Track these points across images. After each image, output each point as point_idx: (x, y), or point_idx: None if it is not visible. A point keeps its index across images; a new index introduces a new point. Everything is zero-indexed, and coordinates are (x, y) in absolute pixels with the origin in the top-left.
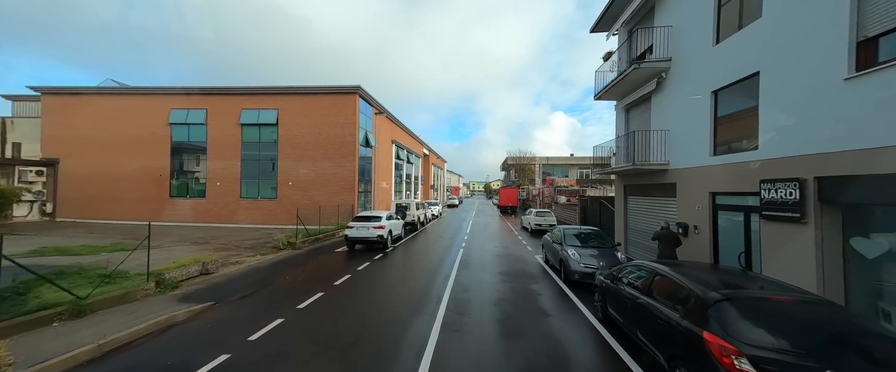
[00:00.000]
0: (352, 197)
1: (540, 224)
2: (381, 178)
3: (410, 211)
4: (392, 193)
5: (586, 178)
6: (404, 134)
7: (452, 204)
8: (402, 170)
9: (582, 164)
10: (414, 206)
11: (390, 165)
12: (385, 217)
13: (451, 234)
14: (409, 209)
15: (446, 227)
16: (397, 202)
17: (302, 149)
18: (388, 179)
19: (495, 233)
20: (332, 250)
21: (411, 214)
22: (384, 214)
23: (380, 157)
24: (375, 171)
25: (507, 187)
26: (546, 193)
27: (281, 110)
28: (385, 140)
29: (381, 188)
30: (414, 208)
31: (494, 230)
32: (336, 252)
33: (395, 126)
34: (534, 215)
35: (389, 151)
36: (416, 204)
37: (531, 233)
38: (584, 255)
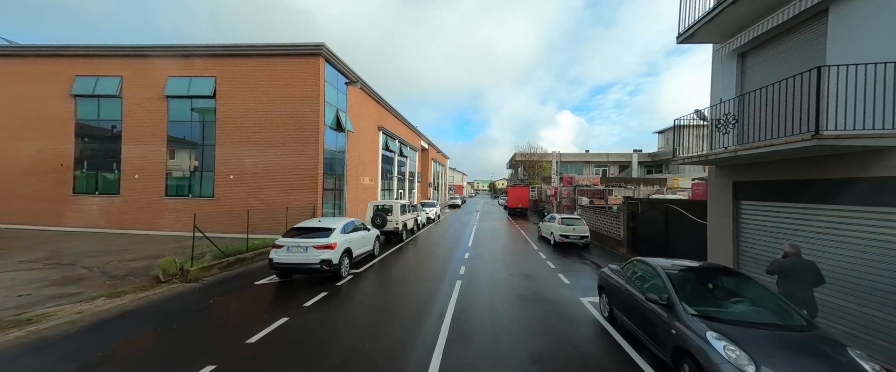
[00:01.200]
0: (313, 196)
1: (568, 236)
2: (362, 171)
3: (392, 216)
4: (378, 192)
5: (615, 177)
6: (396, 121)
7: (454, 204)
8: (392, 164)
9: (598, 160)
10: (397, 208)
11: (376, 158)
12: (339, 229)
13: (446, 248)
14: (391, 213)
15: (443, 236)
16: (376, 203)
17: (247, 130)
18: (373, 174)
19: (506, 247)
20: (252, 283)
21: (393, 221)
22: (339, 225)
23: (360, 147)
24: (352, 163)
25: (516, 186)
26: (564, 193)
27: (220, 78)
28: (368, 126)
29: (360, 185)
30: (397, 212)
31: (504, 242)
32: (257, 286)
33: (383, 110)
34: (559, 223)
35: (374, 140)
36: (401, 206)
37: (555, 247)
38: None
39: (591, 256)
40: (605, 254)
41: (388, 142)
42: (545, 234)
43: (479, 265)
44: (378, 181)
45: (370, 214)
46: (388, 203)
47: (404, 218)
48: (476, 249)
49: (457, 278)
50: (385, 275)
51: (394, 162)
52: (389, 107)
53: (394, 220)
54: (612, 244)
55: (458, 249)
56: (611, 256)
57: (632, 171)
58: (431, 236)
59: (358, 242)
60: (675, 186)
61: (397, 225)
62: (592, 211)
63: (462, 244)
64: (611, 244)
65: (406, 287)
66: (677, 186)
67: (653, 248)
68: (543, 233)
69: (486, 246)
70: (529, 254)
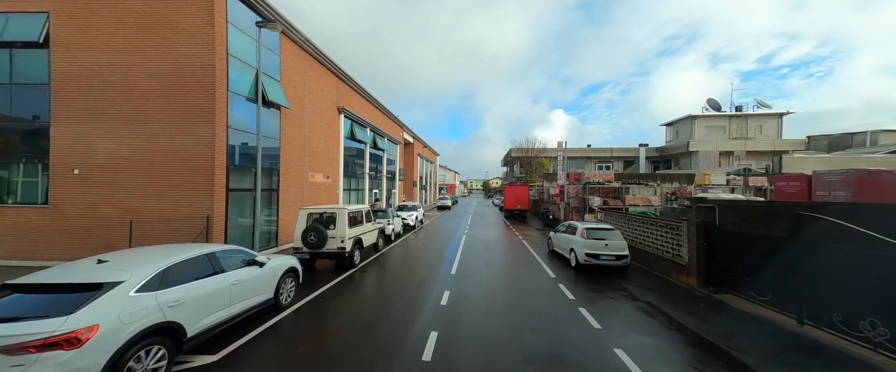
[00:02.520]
0: (208, 200)
1: (598, 255)
2: (313, 165)
3: (336, 229)
4: (339, 193)
5: (632, 174)
6: (368, 105)
7: (444, 206)
8: (363, 158)
9: (600, 156)
10: (343, 219)
11: (336, 149)
12: (122, 286)
13: (418, 278)
14: (336, 226)
15: (419, 254)
16: (311, 210)
17: (101, 97)
18: (331, 170)
19: (508, 275)
20: None
21: (337, 237)
22: (126, 277)
23: (308, 132)
24: (291, 153)
25: (514, 185)
26: (572, 191)
27: (56, 16)
28: (322, 105)
29: (307, 184)
30: (343, 224)
31: (504, 265)
32: None
33: (347, 88)
34: (583, 236)
35: (333, 125)
36: (351, 214)
37: (578, 271)
38: None
39: (642, 291)
40: (658, 284)
41: (354, 129)
42: (560, 249)
43: (467, 325)
44: (339, 179)
45: (301, 225)
46: (329, 210)
47: (357, 232)
48: (463, 280)
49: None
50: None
51: (365, 155)
52: (357, 86)
53: (338, 235)
54: (665, 268)
55: (436, 280)
56: (664, 286)
57: (639, 167)
58: (403, 255)
59: (194, 306)
60: (707, 183)
61: (343, 243)
62: (624, 218)
63: (442, 271)
64: (662, 268)
65: None
66: (709, 183)
67: (756, 281)
68: (557, 248)
69: (479, 273)
70: (545, 288)
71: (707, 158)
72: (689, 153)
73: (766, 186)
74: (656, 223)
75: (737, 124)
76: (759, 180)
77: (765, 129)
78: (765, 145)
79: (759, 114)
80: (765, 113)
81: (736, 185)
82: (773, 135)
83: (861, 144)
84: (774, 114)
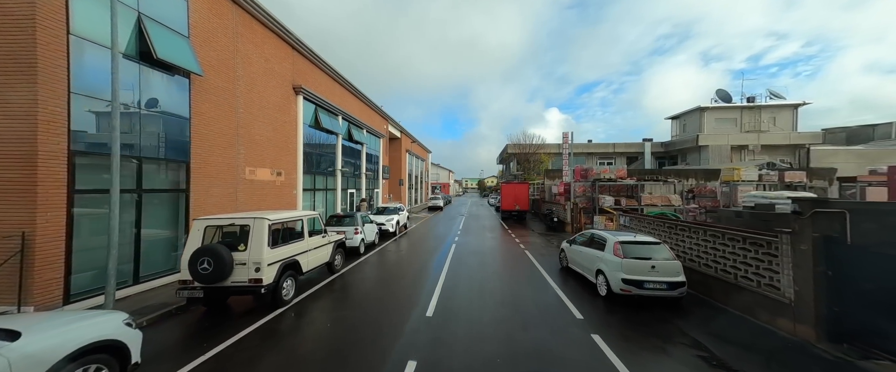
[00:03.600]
0: (28, 211)
1: (643, 282)
2: (255, 158)
3: (247, 253)
4: (298, 194)
5: (647, 170)
6: (338, 88)
7: (435, 206)
8: (335, 152)
9: (602, 152)
10: (263, 234)
11: (291, 138)
12: None
13: (368, 339)
14: (247, 245)
15: (387, 277)
16: (210, 221)
17: None
18: (285, 164)
19: (518, 330)
20: None
21: (249, 263)
22: None
23: (250, 114)
24: (212, 139)
25: (511, 183)
26: (578, 190)
27: None
28: (268, 80)
29: (241, 183)
30: (262, 243)
31: (505, 298)
32: None
33: (306, 62)
34: (616, 253)
35: (287, 109)
36: (273, 228)
37: (609, 303)
38: None
39: (723, 346)
40: (742, 332)
41: (320, 116)
42: (580, 267)
43: None
44: (297, 176)
45: (193, 245)
46: (242, 220)
47: (287, 253)
48: (443, 332)
49: None
50: None
51: (337, 149)
52: (321, 62)
53: (250, 260)
54: (745, 304)
55: (400, 332)
56: (755, 336)
57: (644, 163)
58: (366, 280)
59: None
60: (736, 179)
61: (259, 272)
62: (659, 224)
63: (414, 311)
64: (740, 303)
65: None
66: (739, 179)
67: None
68: (575, 265)
69: (468, 315)
70: (572, 343)
71: (718, 153)
72: (699, 148)
73: (803, 181)
74: (725, 235)
75: (749, 116)
76: (796, 176)
77: (779, 121)
78: (780, 138)
79: (773, 105)
80: (779, 104)
81: (769, 181)
82: (787, 127)
83: (885, 136)
84: (789, 105)
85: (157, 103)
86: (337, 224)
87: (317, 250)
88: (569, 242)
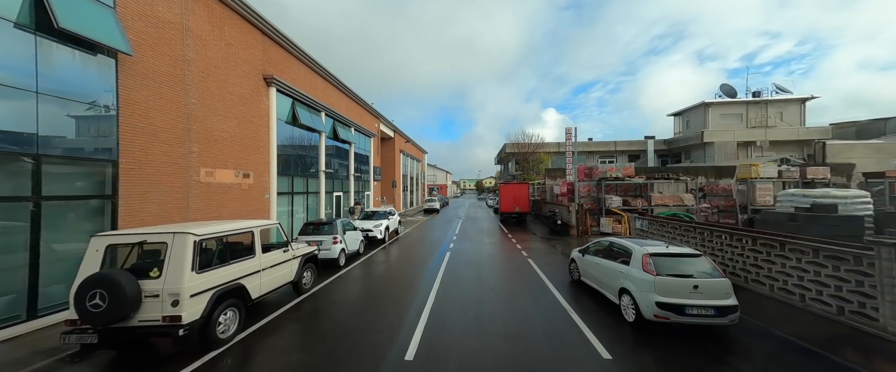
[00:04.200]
0: None
1: (681, 307)
2: (214, 157)
3: (161, 281)
4: (272, 199)
5: (657, 168)
6: (318, 79)
7: (432, 208)
8: (317, 152)
9: (604, 150)
10: (185, 255)
11: (264, 134)
12: None
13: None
14: (163, 271)
15: (365, 299)
16: (120, 239)
17: None
18: (256, 164)
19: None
20: None
21: (164, 295)
22: None
23: (206, 105)
24: (165, 135)
25: (510, 183)
26: (583, 190)
27: None
28: (230, 68)
29: (205, 186)
30: (183, 267)
31: (510, 329)
32: None
33: (278, 49)
34: (646, 268)
35: (256, 100)
36: (224, 242)
37: (638, 331)
38: None
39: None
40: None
41: (298, 111)
42: (596, 282)
43: None
44: (271, 178)
45: (87, 271)
46: (154, 236)
47: (224, 277)
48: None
49: None
50: None
51: (320, 148)
52: (299, 51)
53: (165, 291)
54: (821, 337)
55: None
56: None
57: (647, 161)
58: (338, 302)
59: None
60: (754, 176)
61: (177, 306)
62: (687, 229)
63: (390, 352)
64: (811, 334)
65: None
66: (756, 175)
67: None
68: (589, 279)
69: (460, 357)
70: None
71: (723, 150)
72: (704, 144)
73: (827, 178)
74: (784, 246)
75: (755, 111)
76: (819, 172)
77: (786, 116)
78: (788, 134)
79: (780, 99)
80: (786, 98)
81: (789, 177)
82: (795, 122)
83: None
84: (796, 99)
85: (68, 87)
86: (313, 232)
87: (275, 269)
88: (581, 251)
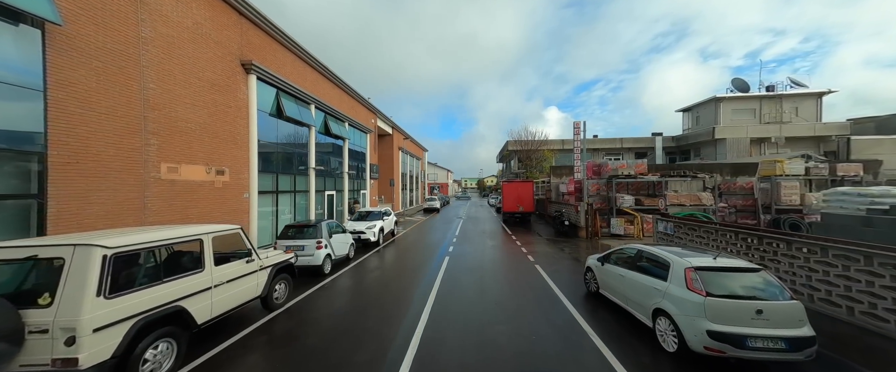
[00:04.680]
0: None
1: (741, 338)
2: (178, 151)
3: None
4: (251, 198)
5: (670, 165)
6: (307, 68)
7: (432, 208)
8: (306, 148)
9: (609, 147)
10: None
11: (242, 127)
12: None
13: None
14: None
15: (343, 319)
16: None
17: None
18: (234, 160)
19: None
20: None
21: None
22: None
23: (166, 90)
24: (112, 125)
25: (514, 182)
26: (592, 188)
27: None
28: (199, 50)
29: (169, 183)
30: None
31: (521, 361)
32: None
33: (257, 32)
34: (691, 286)
35: (233, 89)
36: (134, 255)
37: (682, 365)
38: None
39: None
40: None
41: (283, 102)
42: (623, 299)
43: None
44: (251, 176)
45: None
46: (48, 249)
47: (147, 303)
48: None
49: None
50: None
51: (310, 143)
52: (283, 35)
53: (61, 325)
54: None
55: None
56: None
57: (655, 159)
58: (310, 323)
59: None
60: (779, 173)
61: (71, 347)
62: (739, 237)
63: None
64: None
65: None
66: (782, 172)
67: None
68: (610, 292)
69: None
70: None
71: (736, 146)
72: (715, 141)
73: (858, 174)
74: (872, 259)
75: (769, 107)
76: (851, 168)
77: (801, 111)
78: (804, 130)
79: (795, 94)
80: (801, 93)
81: (818, 174)
82: (811, 118)
83: None
84: (812, 93)
85: None
86: (295, 236)
87: (235, 284)
88: (600, 259)
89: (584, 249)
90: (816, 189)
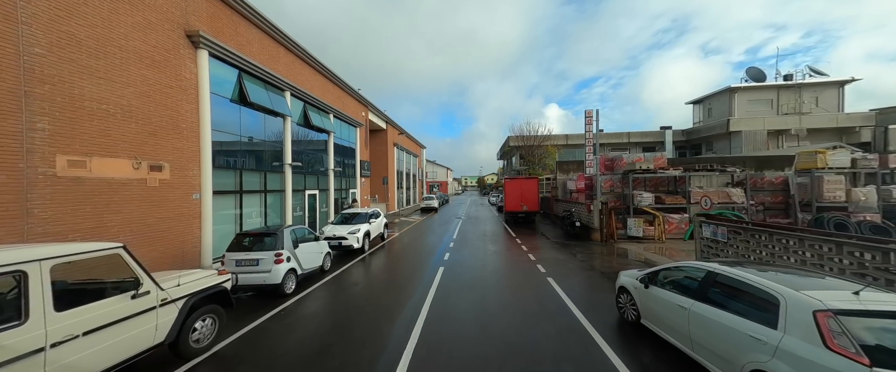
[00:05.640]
0: None
1: None
2: (88, 141)
3: None
4: (205, 202)
5: (692, 158)
6: (280, 50)
7: (429, 207)
8: (281, 142)
9: (616, 142)
10: None
11: (189, 112)
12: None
13: None
14: None
15: (292, 367)
16: None
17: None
18: (179, 154)
19: None
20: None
21: None
22: None
23: (66, 59)
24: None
25: (516, 178)
26: (605, 185)
27: None
28: (121, 13)
29: (70, 182)
30: None
31: None
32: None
33: (223, 7)
34: (841, 350)
35: (174, 66)
36: None
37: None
38: None
39: None
40: None
41: (246, 87)
42: (691, 345)
43: None
44: (203, 173)
45: None
46: None
47: None
48: None
49: None
50: None
51: (286, 137)
52: (248, 7)
53: None
54: None
55: None
56: None
57: (665, 153)
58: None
59: None
60: (820, 166)
61: None
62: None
63: None
64: None
65: None
66: (824, 165)
67: None
68: (666, 329)
69: None
70: None
71: (752, 139)
72: (729, 134)
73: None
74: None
75: (787, 97)
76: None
77: (822, 101)
78: (825, 121)
79: (815, 82)
80: (821, 81)
81: (866, 167)
82: (832, 108)
83: None
84: (834, 82)
85: None
86: (249, 247)
87: (106, 334)
88: (643, 280)
89: (601, 255)
90: (864, 183)
